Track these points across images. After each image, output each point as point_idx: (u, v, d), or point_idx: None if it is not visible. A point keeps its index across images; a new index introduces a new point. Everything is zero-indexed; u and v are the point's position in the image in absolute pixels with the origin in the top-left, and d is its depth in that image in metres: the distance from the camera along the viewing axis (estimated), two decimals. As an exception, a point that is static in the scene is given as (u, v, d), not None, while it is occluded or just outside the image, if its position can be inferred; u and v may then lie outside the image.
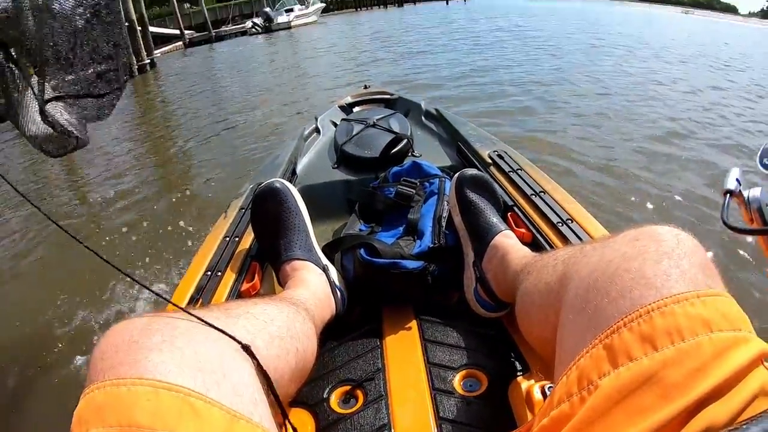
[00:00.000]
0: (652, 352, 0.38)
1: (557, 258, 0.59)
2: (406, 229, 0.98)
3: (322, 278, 0.84)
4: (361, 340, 0.80)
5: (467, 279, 0.87)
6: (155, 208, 3.36)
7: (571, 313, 0.48)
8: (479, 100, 5.27)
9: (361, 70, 8.16)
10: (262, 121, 5.33)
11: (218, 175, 3.79)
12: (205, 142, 4.95)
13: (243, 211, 1.14)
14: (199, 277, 0.92)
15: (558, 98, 5.21)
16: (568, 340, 0.47)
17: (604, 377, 0.39)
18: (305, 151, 1.64)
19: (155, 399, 0.37)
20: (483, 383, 0.70)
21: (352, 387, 0.71)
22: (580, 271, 0.50)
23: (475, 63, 7.74)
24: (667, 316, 0.39)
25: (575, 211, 0.96)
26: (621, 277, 0.43)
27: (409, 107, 1.94)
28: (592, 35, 12.13)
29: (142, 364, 0.39)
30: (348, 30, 19.32)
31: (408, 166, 1.13)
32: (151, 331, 0.42)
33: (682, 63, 8.02)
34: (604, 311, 0.42)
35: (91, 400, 0.38)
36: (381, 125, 1.61)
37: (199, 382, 0.40)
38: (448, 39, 12.18)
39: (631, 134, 3.95)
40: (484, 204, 0.90)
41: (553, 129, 4.14)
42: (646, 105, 4.94)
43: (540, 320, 0.59)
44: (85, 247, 0.54)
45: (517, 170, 1.17)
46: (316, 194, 1.31)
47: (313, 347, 0.67)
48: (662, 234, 0.46)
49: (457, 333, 0.79)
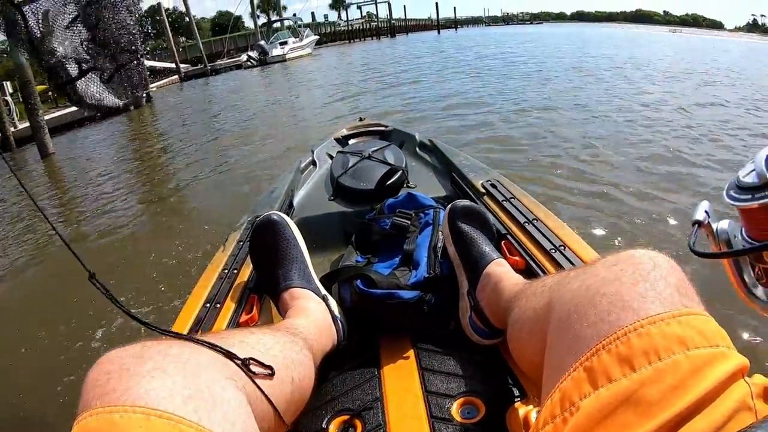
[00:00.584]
0: (630, 372, 0.39)
1: (545, 284, 0.61)
2: (402, 259, 1.00)
3: (321, 307, 0.85)
4: (358, 369, 0.81)
5: (462, 307, 0.88)
6: (145, 242, 3.35)
7: (555, 338, 0.50)
8: (466, 131, 5.30)
9: (354, 103, 8.21)
10: (259, 159, 5.23)
11: (213, 216, 3.68)
12: (200, 178, 4.94)
13: (241, 244, 1.16)
14: (198, 308, 0.92)
15: (543, 127, 5.22)
16: (553, 363, 0.49)
17: (584, 398, 0.40)
18: (302, 184, 1.66)
19: (147, 426, 0.38)
20: (481, 410, 0.70)
21: (351, 416, 0.72)
22: (563, 297, 0.52)
23: (468, 92, 7.83)
24: (643, 337, 0.40)
25: (568, 238, 0.98)
26: (600, 301, 0.45)
27: (403, 139, 1.97)
28: (579, 59, 12.36)
29: (134, 391, 0.40)
30: (342, 62, 19.44)
31: (403, 198, 1.16)
32: (143, 359, 0.43)
33: (671, 80, 8.20)
34: (584, 335, 0.44)
35: (84, 427, 0.38)
36: (376, 157, 1.63)
37: (191, 410, 0.40)
38: (439, 67, 12.38)
39: (624, 159, 3.98)
40: (477, 234, 0.92)
41: (539, 160, 4.16)
42: (637, 128, 4.98)
43: (529, 346, 0.60)
44: (92, 275, 0.55)
45: (510, 199, 1.19)
46: (313, 226, 1.33)
47: (310, 377, 0.67)
48: (639, 257, 0.48)
49: (453, 361, 0.80)
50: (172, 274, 2.73)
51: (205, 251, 2.83)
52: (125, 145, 8.37)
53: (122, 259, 3.09)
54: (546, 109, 6.09)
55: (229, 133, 7.14)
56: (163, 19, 22.52)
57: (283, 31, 27.75)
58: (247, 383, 0.52)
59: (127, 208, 4.19)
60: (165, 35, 22.47)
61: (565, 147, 4.35)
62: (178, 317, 0.91)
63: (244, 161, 5.26)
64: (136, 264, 2.95)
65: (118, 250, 3.27)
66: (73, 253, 0.59)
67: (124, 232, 3.53)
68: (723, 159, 3.90)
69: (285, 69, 19.54)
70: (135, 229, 3.65)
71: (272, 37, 26.19)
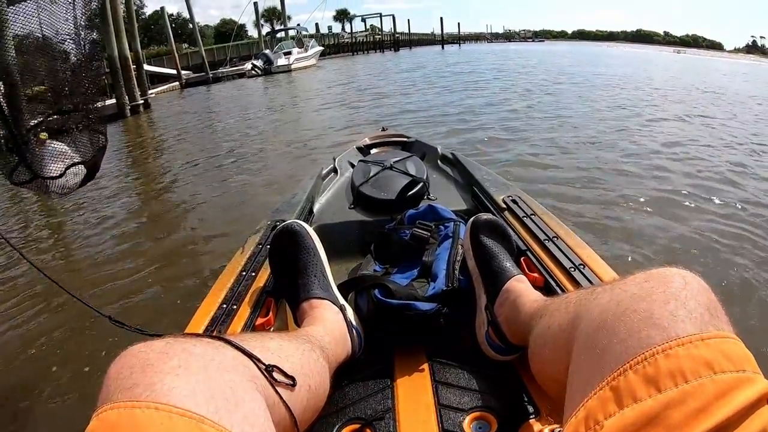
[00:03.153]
0: (655, 393, 0.39)
1: (569, 300, 0.61)
2: (420, 271, 0.99)
3: (339, 317, 0.85)
4: (372, 378, 0.81)
5: (479, 322, 0.88)
6: (146, 260, 3.25)
7: (581, 353, 0.50)
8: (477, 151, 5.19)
9: (364, 116, 8.10)
10: (269, 178, 5.00)
11: (215, 237, 3.53)
12: (201, 202, 4.59)
13: (260, 247, 1.16)
14: (215, 309, 0.92)
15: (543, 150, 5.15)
16: (578, 380, 0.48)
17: (609, 418, 0.40)
18: (322, 191, 1.67)
19: (169, 424, 0.38)
20: (493, 426, 0.70)
21: (362, 426, 0.71)
22: (591, 312, 0.51)
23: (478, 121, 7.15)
24: (671, 359, 0.40)
25: (588, 257, 0.97)
26: (630, 318, 0.45)
27: (425, 151, 1.98)
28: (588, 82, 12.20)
29: (157, 387, 0.40)
30: (351, 76, 18.93)
31: (423, 209, 1.16)
32: (167, 355, 0.43)
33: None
34: (613, 351, 0.44)
35: (105, 419, 0.38)
36: (398, 168, 1.64)
37: (212, 409, 0.40)
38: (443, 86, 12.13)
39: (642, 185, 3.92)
40: (498, 249, 0.91)
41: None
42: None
43: (552, 361, 0.60)
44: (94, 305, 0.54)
45: (531, 215, 1.19)
46: (333, 234, 1.33)
47: (325, 386, 0.67)
48: (670, 276, 0.48)
49: (468, 375, 0.79)
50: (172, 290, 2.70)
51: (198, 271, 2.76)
52: (118, 156, 7.37)
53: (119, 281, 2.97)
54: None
55: (234, 149, 6.73)
56: (165, 23, 22.48)
57: (287, 41, 27.85)
58: (267, 388, 0.52)
59: (121, 235, 3.86)
60: (167, 41, 22.38)
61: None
62: (194, 316, 0.91)
63: (253, 187, 4.76)
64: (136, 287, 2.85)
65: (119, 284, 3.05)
66: (86, 304, 0.58)
67: (123, 266, 3.24)
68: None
69: (290, 80, 19.27)
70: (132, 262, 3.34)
71: (276, 47, 26.23)
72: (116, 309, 2.54)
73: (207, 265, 2.99)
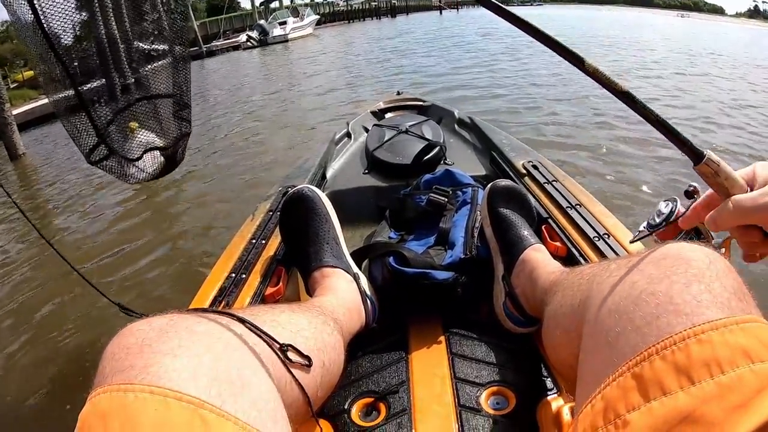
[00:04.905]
0: (688, 385, 0.34)
1: (583, 276, 0.56)
2: (437, 238, 0.96)
3: (352, 286, 0.82)
4: (386, 350, 0.78)
5: (497, 292, 0.85)
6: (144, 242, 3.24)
7: (592, 337, 0.45)
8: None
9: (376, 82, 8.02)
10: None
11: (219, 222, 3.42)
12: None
13: (270, 214, 1.13)
14: (223, 279, 0.90)
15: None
16: (591, 365, 0.44)
17: (633, 411, 0.36)
18: (336, 156, 1.63)
19: (163, 409, 0.34)
20: (511, 402, 0.67)
21: (375, 399, 0.70)
22: (603, 292, 0.46)
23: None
24: (704, 345, 0.35)
25: (613, 226, 0.93)
26: (646, 302, 0.40)
27: (441, 115, 1.93)
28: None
29: (153, 369, 0.37)
30: (347, 42, 18.52)
31: (440, 174, 1.12)
32: (167, 335, 0.40)
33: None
34: (629, 339, 0.39)
35: (96, 405, 0.35)
36: (413, 132, 1.59)
37: (215, 393, 0.37)
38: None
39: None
40: (516, 217, 0.87)
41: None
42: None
43: (564, 346, 0.56)
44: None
45: (553, 182, 1.15)
46: (346, 200, 1.30)
47: (340, 362, 0.64)
48: (691, 254, 0.43)
49: (485, 348, 0.77)
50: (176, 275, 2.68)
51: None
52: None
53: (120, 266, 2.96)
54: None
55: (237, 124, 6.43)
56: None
57: (282, 11, 27.33)
58: (279, 367, 0.49)
59: (119, 218, 3.81)
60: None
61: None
62: (202, 286, 0.89)
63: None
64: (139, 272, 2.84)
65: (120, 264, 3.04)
66: (96, 290, 0.54)
67: (126, 250, 3.17)
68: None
69: (287, 51, 18.73)
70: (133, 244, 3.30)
71: (271, 17, 25.74)
72: (116, 291, 2.57)
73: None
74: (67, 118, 1.26)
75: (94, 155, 1.30)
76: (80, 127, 1.26)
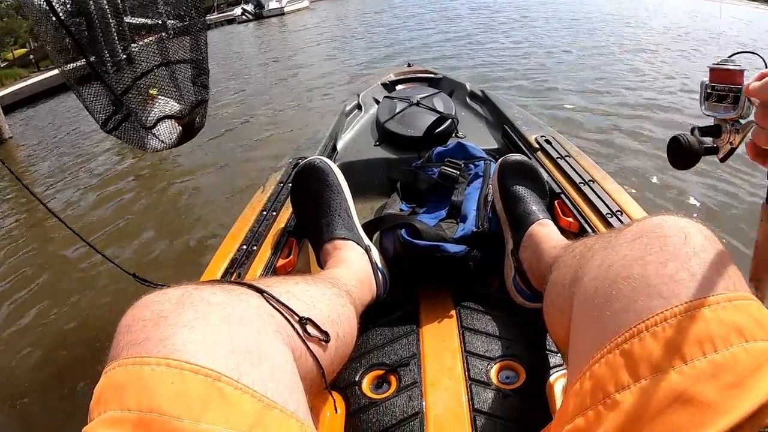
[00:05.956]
0: (680, 363, 0.33)
1: (575, 253, 0.55)
2: (448, 211, 0.95)
3: (364, 258, 0.82)
4: (397, 323, 0.78)
5: (507, 267, 0.84)
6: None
7: (580, 316, 0.45)
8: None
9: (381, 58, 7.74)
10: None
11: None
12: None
13: (281, 186, 1.13)
14: (234, 251, 0.90)
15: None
16: (579, 343, 0.43)
17: (623, 390, 0.34)
18: (346, 128, 1.62)
19: (180, 382, 0.34)
20: (521, 376, 0.67)
21: (386, 372, 0.70)
22: (586, 273, 0.45)
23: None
24: (697, 322, 0.34)
25: (626, 203, 0.92)
26: (622, 288, 0.39)
27: (453, 87, 1.89)
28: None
29: (170, 341, 0.36)
30: (345, 14, 17.77)
31: (452, 147, 1.10)
32: (183, 307, 0.40)
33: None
34: (607, 325, 0.38)
35: (112, 379, 0.35)
36: (425, 104, 1.57)
37: (232, 366, 0.37)
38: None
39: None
40: (526, 192, 0.86)
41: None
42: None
43: (559, 322, 0.55)
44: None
45: (566, 157, 1.12)
46: (357, 171, 1.29)
47: (353, 333, 0.64)
48: (666, 228, 0.41)
49: (496, 322, 0.76)
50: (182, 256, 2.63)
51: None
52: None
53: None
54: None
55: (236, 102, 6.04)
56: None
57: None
58: (294, 339, 0.48)
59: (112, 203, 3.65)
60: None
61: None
62: (212, 259, 0.89)
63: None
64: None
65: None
66: (111, 261, 0.55)
67: (128, 225, 3.18)
68: None
69: (283, 24, 18.05)
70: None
71: (265, -11, 25.02)
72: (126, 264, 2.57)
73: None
74: (80, 88, 1.24)
75: (109, 123, 1.29)
76: (95, 96, 1.25)
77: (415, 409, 0.64)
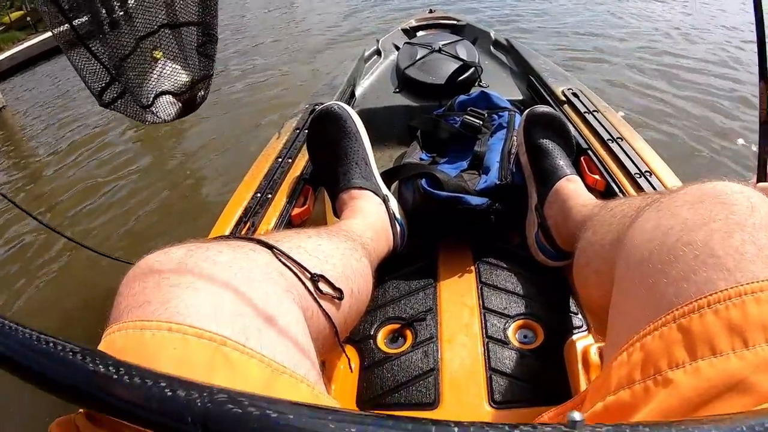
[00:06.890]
0: (741, 347, 0.30)
1: (615, 214, 0.52)
2: (470, 162, 0.92)
3: (381, 209, 0.79)
4: (414, 276, 0.77)
5: (529, 223, 0.82)
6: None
7: (627, 280, 0.41)
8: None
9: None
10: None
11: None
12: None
13: (298, 132, 1.09)
14: (248, 198, 0.87)
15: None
16: (625, 309, 0.40)
17: (677, 368, 0.31)
18: (365, 74, 1.57)
19: (183, 347, 0.32)
20: (539, 336, 0.66)
21: (402, 326, 0.69)
22: (634, 238, 0.42)
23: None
24: (762, 305, 0.30)
25: (655, 164, 0.87)
26: (682, 253, 0.35)
27: (476, 35, 1.83)
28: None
29: (172, 305, 0.34)
30: None
31: (476, 96, 1.06)
32: (186, 267, 0.37)
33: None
34: (664, 294, 0.35)
35: (112, 343, 0.33)
36: (447, 51, 1.52)
37: (238, 329, 0.34)
38: None
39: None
40: (553, 146, 0.82)
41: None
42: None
43: (595, 283, 0.52)
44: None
45: (594, 112, 1.08)
46: (376, 119, 1.26)
47: (368, 289, 0.62)
48: (732, 196, 0.37)
49: (515, 279, 0.75)
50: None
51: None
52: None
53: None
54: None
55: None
56: None
57: None
58: (306, 297, 0.46)
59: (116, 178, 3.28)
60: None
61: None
62: (225, 208, 0.86)
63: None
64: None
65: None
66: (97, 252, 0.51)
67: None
68: None
69: None
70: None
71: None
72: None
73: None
74: (71, 54, 1.10)
75: (106, 95, 1.22)
76: (90, 65, 1.12)
77: (431, 365, 0.63)
